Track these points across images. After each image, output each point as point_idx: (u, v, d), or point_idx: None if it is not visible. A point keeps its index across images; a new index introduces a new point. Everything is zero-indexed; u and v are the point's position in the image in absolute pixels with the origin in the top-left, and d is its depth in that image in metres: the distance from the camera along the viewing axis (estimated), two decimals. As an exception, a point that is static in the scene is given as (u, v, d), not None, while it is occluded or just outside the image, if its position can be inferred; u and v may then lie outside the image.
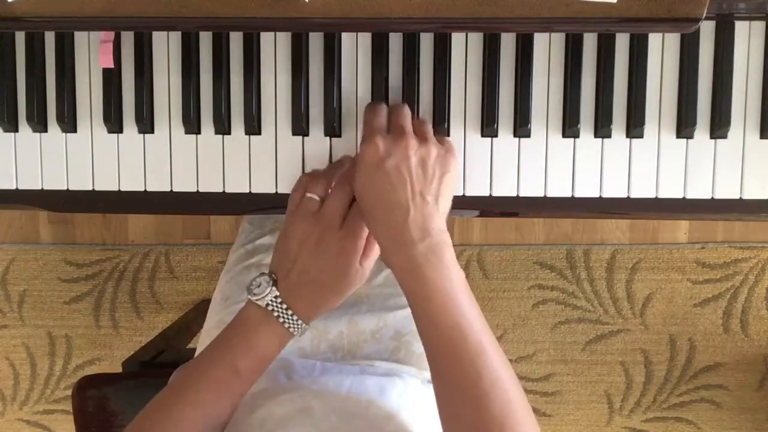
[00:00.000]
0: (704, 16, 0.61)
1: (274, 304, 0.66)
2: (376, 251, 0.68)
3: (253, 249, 0.95)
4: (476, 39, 0.72)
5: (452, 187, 0.66)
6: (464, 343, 0.59)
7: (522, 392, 0.60)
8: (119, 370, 1.15)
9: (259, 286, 0.66)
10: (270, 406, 0.70)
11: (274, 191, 0.75)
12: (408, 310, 0.85)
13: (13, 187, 0.77)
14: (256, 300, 0.66)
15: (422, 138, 0.65)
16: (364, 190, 0.64)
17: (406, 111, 0.68)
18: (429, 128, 0.68)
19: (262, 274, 0.67)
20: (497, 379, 0.58)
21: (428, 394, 0.79)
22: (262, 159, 0.75)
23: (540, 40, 0.72)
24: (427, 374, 0.82)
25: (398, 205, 0.62)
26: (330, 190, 0.68)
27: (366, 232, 0.67)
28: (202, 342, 0.92)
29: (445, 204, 0.65)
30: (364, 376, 0.77)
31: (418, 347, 0.83)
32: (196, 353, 0.92)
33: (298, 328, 0.66)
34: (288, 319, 0.66)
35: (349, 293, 0.68)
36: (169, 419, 0.65)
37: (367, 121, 0.68)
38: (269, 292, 0.66)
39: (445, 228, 0.63)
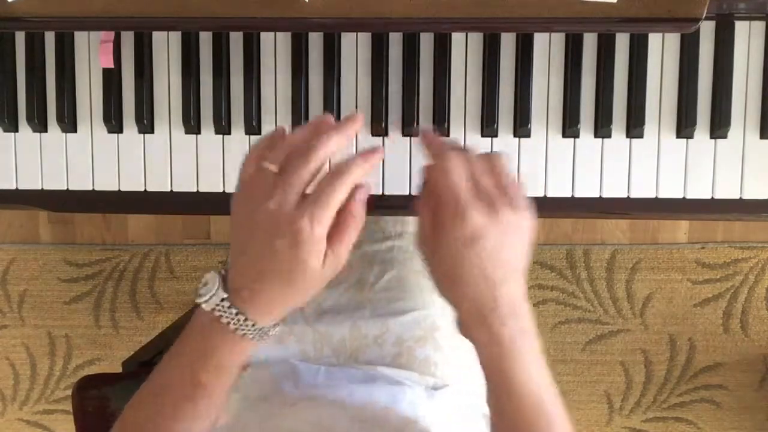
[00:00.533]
0: (704, 16, 0.61)
1: (221, 307, 0.55)
2: (351, 235, 0.57)
3: None
4: (476, 39, 0.72)
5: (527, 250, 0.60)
6: (537, 414, 0.57)
7: None
8: (119, 370, 1.15)
9: (205, 285, 0.56)
10: (280, 417, 0.68)
11: (274, 191, 0.75)
12: (410, 315, 0.85)
13: (13, 187, 0.77)
14: (202, 302, 0.56)
15: (508, 201, 0.57)
16: (447, 264, 0.57)
17: (484, 167, 0.59)
18: (506, 169, 0.59)
19: (213, 271, 0.57)
20: None
21: (434, 402, 0.79)
22: (262, 159, 0.75)
23: (540, 40, 0.72)
24: (431, 380, 0.82)
25: (491, 282, 0.56)
26: (290, 156, 0.56)
27: (333, 211, 0.55)
28: None
29: (525, 272, 0.60)
30: (372, 387, 0.77)
31: (421, 353, 0.83)
32: None
33: (252, 332, 0.56)
34: (239, 323, 0.55)
35: (316, 289, 0.57)
36: None
37: (449, 182, 0.57)
38: (215, 294, 0.55)
39: (526, 292, 0.59)
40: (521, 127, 0.72)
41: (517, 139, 0.73)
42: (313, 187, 0.56)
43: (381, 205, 0.72)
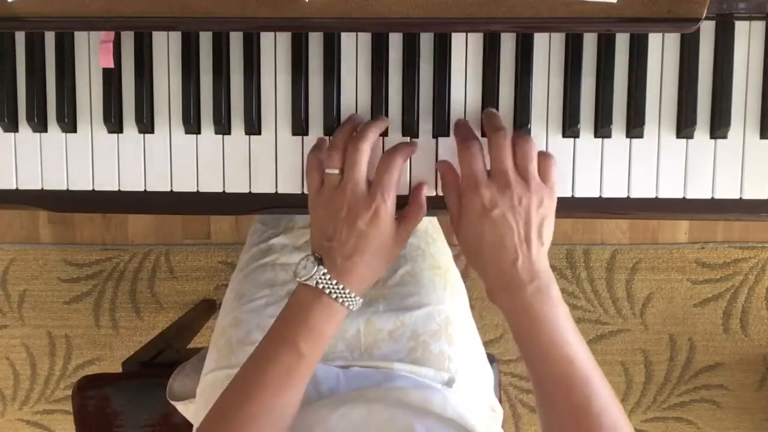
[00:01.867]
0: (704, 16, 0.61)
1: (324, 281, 0.66)
2: (416, 219, 0.70)
3: (267, 248, 0.95)
4: (476, 39, 0.72)
5: (552, 224, 0.68)
6: (573, 374, 0.62)
7: (625, 415, 0.63)
8: (119, 370, 1.15)
9: (305, 267, 0.67)
10: (324, 426, 0.68)
11: (274, 191, 0.75)
12: (425, 310, 0.85)
13: (13, 187, 0.77)
14: (305, 280, 0.67)
15: (525, 180, 0.66)
16: (470, 236, 0.67)
17: (507, 146, 0.67)
18: (533, 166, 0.67)
19: (306, 256, 0.68)
20: (606, 404, 0.62)
21: (452, 396, 0.79)
22: (262, 159, 0.75)
23: (540, 40, 0.72)
24: (446, 375, 0.82)
25: (506, 252, 0.65)
26: (345, 158, 0.69)
27: (394, 190, 0.68)
28: (215, 341, 0.92)
29: (549, 240, 0.67)
30: (400, 387, 0.77)
31: (435, 347, 0.83)
32: (209, 352, 0.92)
33: (351, 301, 0.67)
34: (340, 293, 0.66)
35: (394, 256, 0.70)
36: (242, 413, 0.64)
37: (467, 163, 0.67)
38: (316, 271, 0.66)
39: (548, 267, 0.66)
40: (521, 128, 0.72)
41: (517, 139, 0.73)
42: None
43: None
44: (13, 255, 1.70)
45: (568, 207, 0.73)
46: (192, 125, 0.74)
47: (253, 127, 0.74)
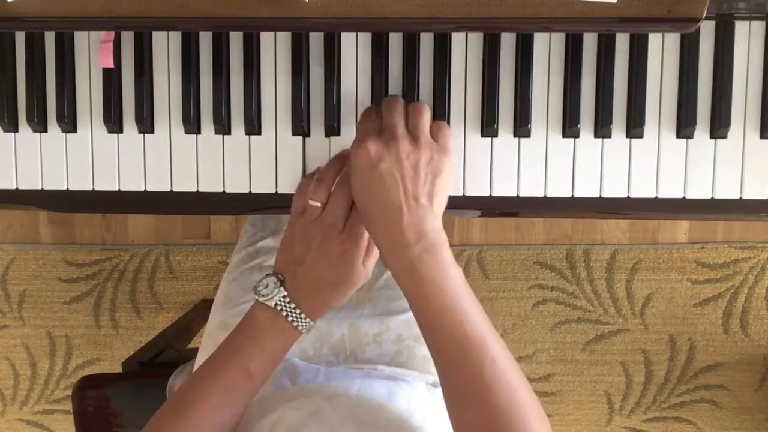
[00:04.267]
0: (704, 16, 0.61)
1: (283, 303, 0.67)
2: (377, 251, 0.69)
3: (255, 251, 0.95)
4: (476, 39, 0.72)
5: (447, 187, 0.66)
6: (465, 339, 0.59)
7: (528, 386, 0.60)
8: (119, 370, 1.15)
9: (266, 287, 0.68)
10: (280, 410, 0.70)
11: (274, 191, 0.75)
12: (410, 314, 0.85)
13: (13, 187, 0.77)
14: (264, 300, 0.67)
15: (415, 137, 0.65)
16: (359, 194, 0.65)
17: (398, 108, 0.67)
18: (422, 122, 0.66)
19: (268, 275, 0.69)
20: (501, 372, 0.59)
21: (434, 397, 0.79)
22: (262, 159, 0.75)
23: (540, 40, 0.72)
24: (431, 377, 0.82)
25: (392, 208, 0.63)
26: (331, 194, 0.69)
27: (367, 233, 0.68)
28: (204, 344, 0.92)
29: (440, 204, 0.65)
30: (371, 380, 0.77)
31: (420, 351, 0.83)
32: (198, 354, 0.92)
33: (305, 325, 0.68)
34: (296, 317, 0.67)
35: (352, 292, 0.69)
36: (182, 424, 0.65)
37: (361, 122, 0.69)
38: (277, 293, 0.67)
39: (440, 228, 0.64)
40: (521, 127, 0.72)
41: (517, 139, 0.73)
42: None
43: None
44: (13, 255, 1.70)
45: (568, 207, 0.73)
46: (192, 125, 0.74)
47: (253, 127, 0.74)
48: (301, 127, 0.74)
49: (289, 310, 0.67)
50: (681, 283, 1.63)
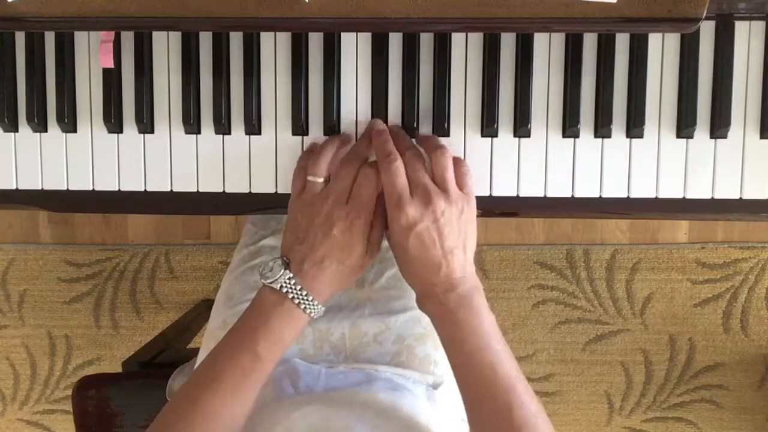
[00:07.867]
0: (704, 16, 0.61)
1: (288, 285, 0.66)
2: (382, 224, 0.70)
3: (256, 250, 0.95)
4: (476, 39, 0.72)
5: (475, 230, 0.69)
6: (496, 380, 0.63)
7: (549, 422, 0.63)
8: (119, 370, 1.15)
9: (271, 269, 0.67)
10: (285, 425, 0.69)
11: (274, 191, 0.75)
12: (411, 314, 0.85)
13: (13, 187, 0.77)
14: (270, 283, 0.67)
15: (444, 190, 0.67)
16: (397, 248, 0.68)
17: (421, 161, 0.69)
18: (449, 175, 0.68)
19: (274, 258, 0.68)
20: (529, 416, 0.61)
21: (435, 404, 0.79)
22: (262, 159, 0.75)
23: (540, 40, 0.72)
24: (431, 378, 0.82)
25: (431, 264, 0.66)
26: (336, 169, 0.70)
27: (372, 205, 0.69)
28: (205, 343, 0.92)
29: (472, 248, 0.68)
30: (375, 391, 0.77)
31: (421, 351, 0.83)
32: (199, 354, 0.92)
33: (314, 308, 0.67)
34: (303, 299, 0.67)
35: (362, 271, 0.70)
36: (195, 412, 0.65)
37: (389, 182, 0.67)
38: (282, 275, 0.66)
39: (473, 273, 0.68)
40: (521, 127, 0.72)
41: (517, 139, 0.73)
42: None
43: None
44: (13, 255, 1.70)
45: (568, 207, 0.73)
46: (192, 125, 0.74)
47: (253, 127, 0.74)
48: (301, 127, 0.74)
49: (295, 291, 0.66)
50: (681, 283, 1.63)
